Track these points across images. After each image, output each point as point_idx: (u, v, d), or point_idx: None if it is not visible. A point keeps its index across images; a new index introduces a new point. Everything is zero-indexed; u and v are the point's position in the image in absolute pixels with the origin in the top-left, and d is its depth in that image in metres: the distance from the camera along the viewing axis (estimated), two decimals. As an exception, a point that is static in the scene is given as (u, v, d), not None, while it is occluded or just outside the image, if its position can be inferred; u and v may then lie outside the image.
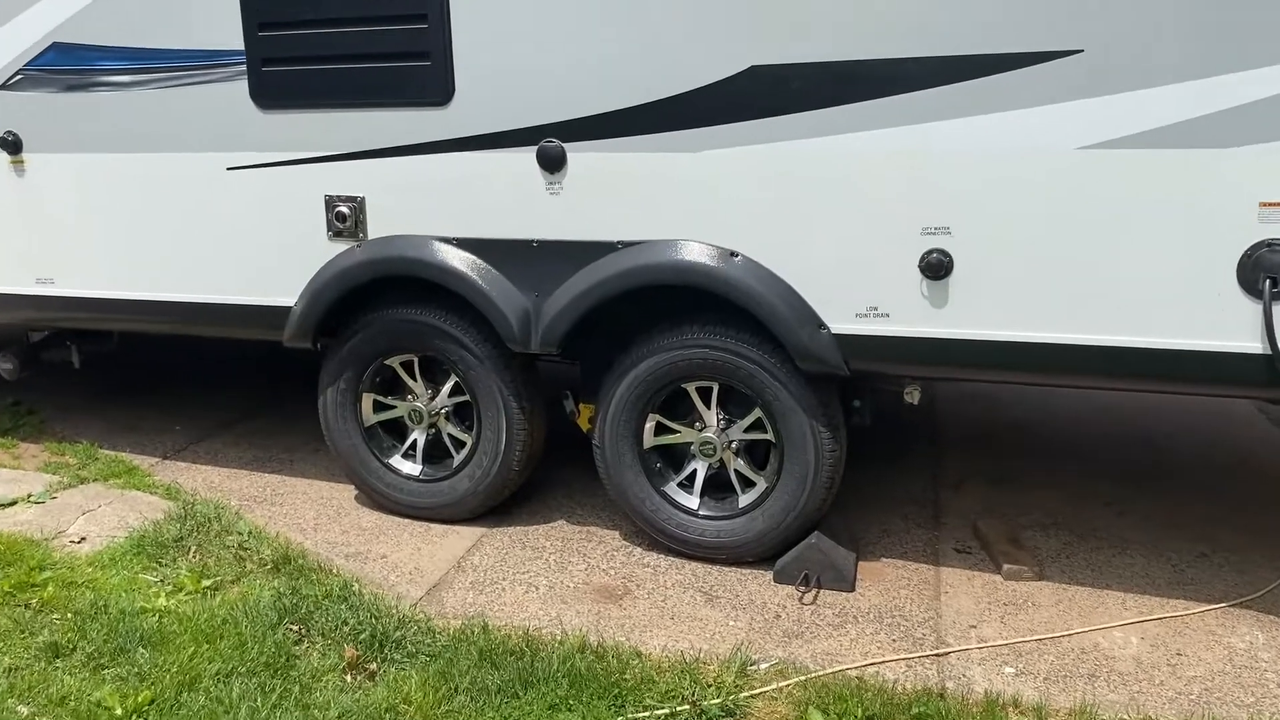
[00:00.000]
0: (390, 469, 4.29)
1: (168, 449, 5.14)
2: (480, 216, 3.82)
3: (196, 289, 4.30)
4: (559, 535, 4.16)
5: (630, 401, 3.83)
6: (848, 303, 3.45)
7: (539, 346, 3.81)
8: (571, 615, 3.55)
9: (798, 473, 3.69)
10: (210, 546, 3.98)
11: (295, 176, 4.01)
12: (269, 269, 4.16)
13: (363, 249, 3.99)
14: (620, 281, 3.64)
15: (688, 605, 3.61)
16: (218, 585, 3.71)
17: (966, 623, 3.50)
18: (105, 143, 4.27)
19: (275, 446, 5.17)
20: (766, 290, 3.49)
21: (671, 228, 3.59)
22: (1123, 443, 5.20)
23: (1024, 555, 3.90)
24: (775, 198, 3.45)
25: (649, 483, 3.90)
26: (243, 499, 4.52)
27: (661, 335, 3.77)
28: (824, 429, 3.64)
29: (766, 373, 3.63)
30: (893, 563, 3.93)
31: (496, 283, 3.82)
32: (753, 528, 3.79)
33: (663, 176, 3.55)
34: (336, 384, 4.25)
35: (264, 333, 4.29)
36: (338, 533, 4.20)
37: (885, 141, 3.28)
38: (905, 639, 3.40)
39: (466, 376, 4.05)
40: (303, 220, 4.04)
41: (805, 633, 3.44)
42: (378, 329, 4.13)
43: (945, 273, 3.31)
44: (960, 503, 4.48)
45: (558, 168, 3.67)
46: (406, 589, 3.73)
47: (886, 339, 3.43)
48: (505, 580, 3.79)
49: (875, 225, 3.36)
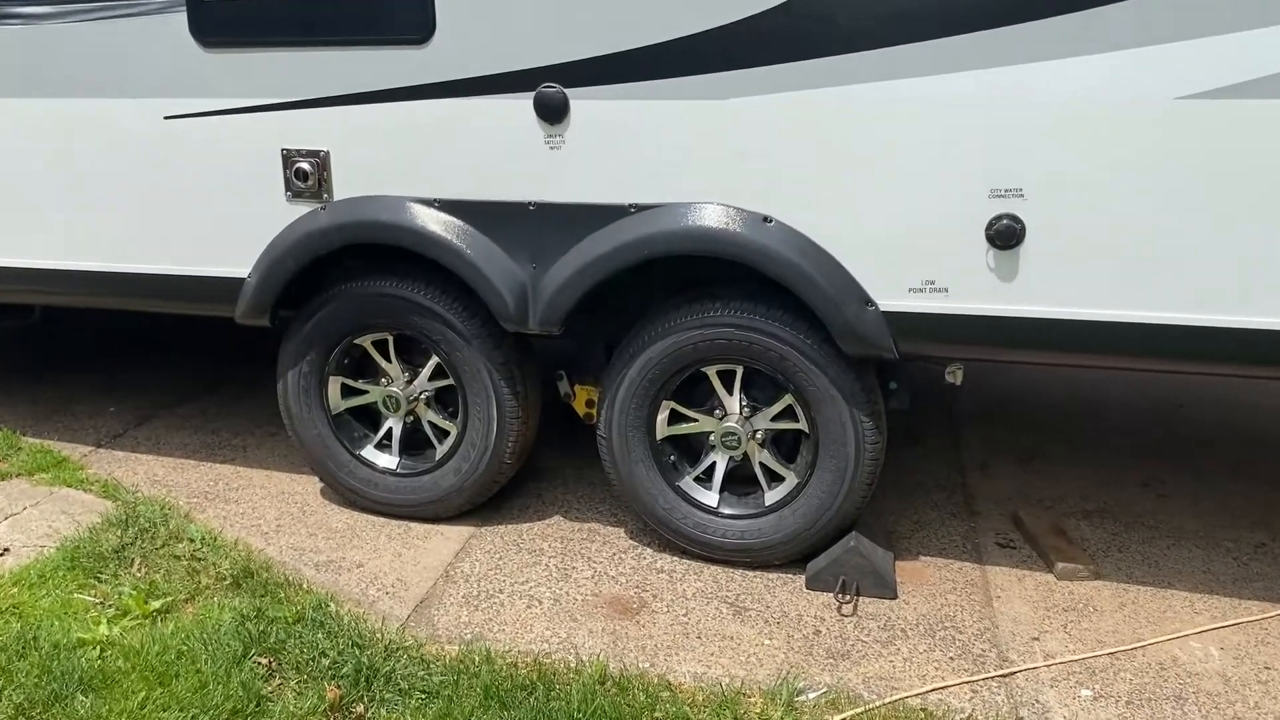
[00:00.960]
0: (362, 462, 3.77)
1: (102, 435, 4.55)
2: (467, 175, 3.28)
3: (131, 258, 3.71)
4: (557, 535, 3.69)
5: (642, 387, 3.36)
6: (900, 276, 3.01)
7: (538, 325, 3.31)
8: (584, 636, 3.10)
9: (834, 466, 3.26)
10: (158, 558, 3.44)
11: (246, 127, 3.42)
12: (217, 235, 3.58)
13: (328, 212, 3.43)
14: (633, 251, 3.15)
15: (714, 620, 3.18)
16: (168, 607, 3.18)
17: (1027, 634, 3.13)
18: (15, 87, 3.62)
19: (225, 430, 4.62)
20: (805, 261, 3.03)
21: (694, 188, 3.10)
22: (1145, 413, 4.88)
23: (1076, 551, 3.54)
24: (817, 154, 2.98)
25: (662, 478, 3.45)
26: (192, 496, 3.98)
27: (679, 312, 3.29)
28: (865, 418, 3.21)
29: (801, 355, 3.17)
30: (932, 561, 3.54)
31: (487, 252, 3.30)
32: (782, 528, 3.36)
33: (684, 128, 3.05)
34: (299, 366, 3.71)
35: (212, 308, 3.73)
36: (304, 535, 3.68)
37: (949, 89, 2.82)
38: (964, 656, 3.01)
39: (451, 358, 3.54)
40: (256, 178, 3.47)
41: (852, 652, 3.03)
42: (346, 304, 3.58)
43: (1016, 241, 2.87)
44: (991, 488, 4.10)
45: (559, 118, 3.14)
46: (390, 606, 3.24)
47: (944, 317, 3.00)
48: (503, 593, 3.32)
49: (935, 187, 2.91)
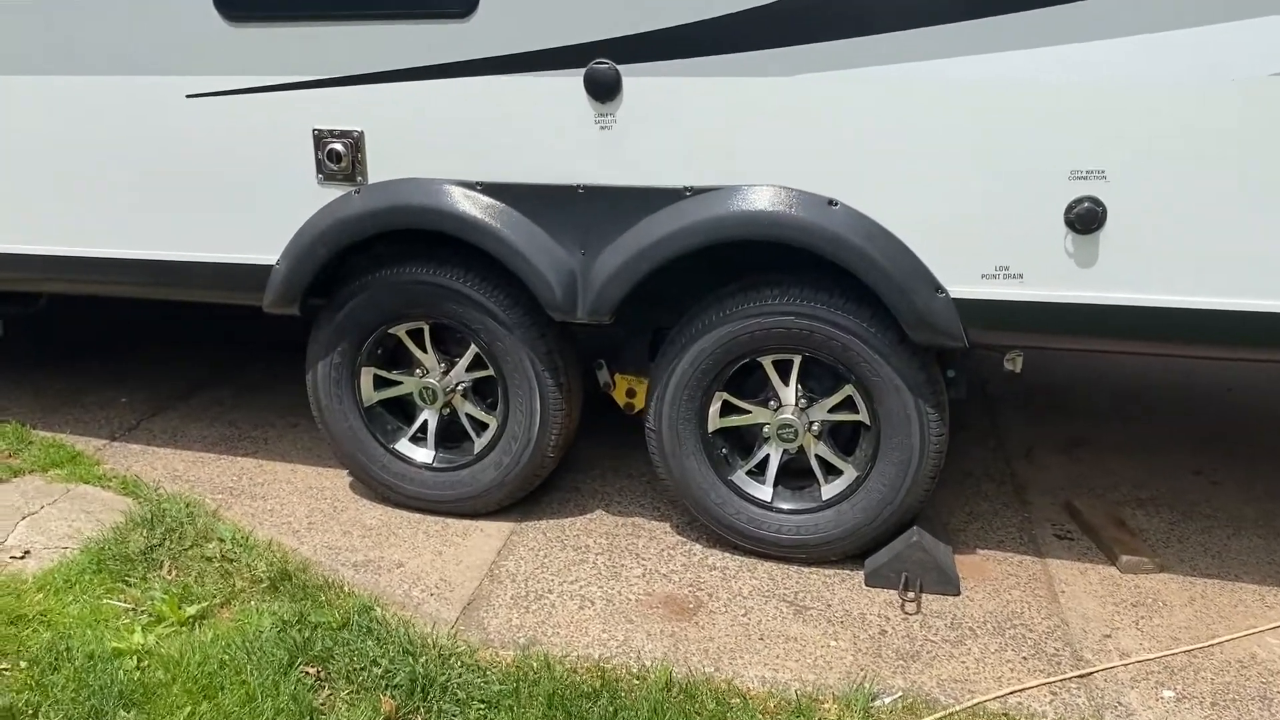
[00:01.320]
0: (397, 456, 3.62)
1: (115, 428, 4.38)
2: (511, 157, 3.12)
3: (151, 244, 3.53)
4: (601, 530, 3.56)
5: (695, 378, 3.22)
6: (972, 262, 2.87)
7: (587, 315, 3.16)
8: (642, 639, 2.97)
9: (897, 459, 3.13)
10: (188, 559, 3.29)
11: (275, 107, 3.25)
12: (243, 221, 3.41)
13: (362, 196, 3.27)
14: (690, 237, 3.00)
15: (775, 620, 3.06)
16: (204, 612, 3.03)
17: (1099, 631, 3.02)
18: (30, 64, 3.43)
19: (244, 421, 4.45)
20: (871, 247, 2.89)
21: (754, 170, 2.95)
22: (1190, 395, 4.78)
23: (1138, 543, 3.44)
24: (886, 133, 2.83)
25: (714, 472, 3.31)
26: (216, 491, 3.82)
27: (733, 300, 3.15)
28: (930, 409, 3.08)
29: (865, 344, 3.04)
30: (991, 555, 3.43)
31: (534, 238, 3.15)
32: (841, 523, 3.24)
33: (745, 106, 2.89)
34: (329, 356, 3.54)
35: (238, 296, 3.56)
36: (338, 533, 3.53)
37: (1030, 66, 2.68)
38: (1037, 656, 2.91)
39: (491, 348, 3.38)
40: (285, 161, 3.29)
41: (921, 652, 2.92)
42: (380, 292, 3.42)
43: (1096, 225, 2.74)
44: (1039, 476, 3.99)
45: (610, 96, 2.98)
46: (437, 609, 3.10)
47: (1018, 305, 2.87)
48: (552, 593, 3.19)
49: (1012, 168, 2.77)
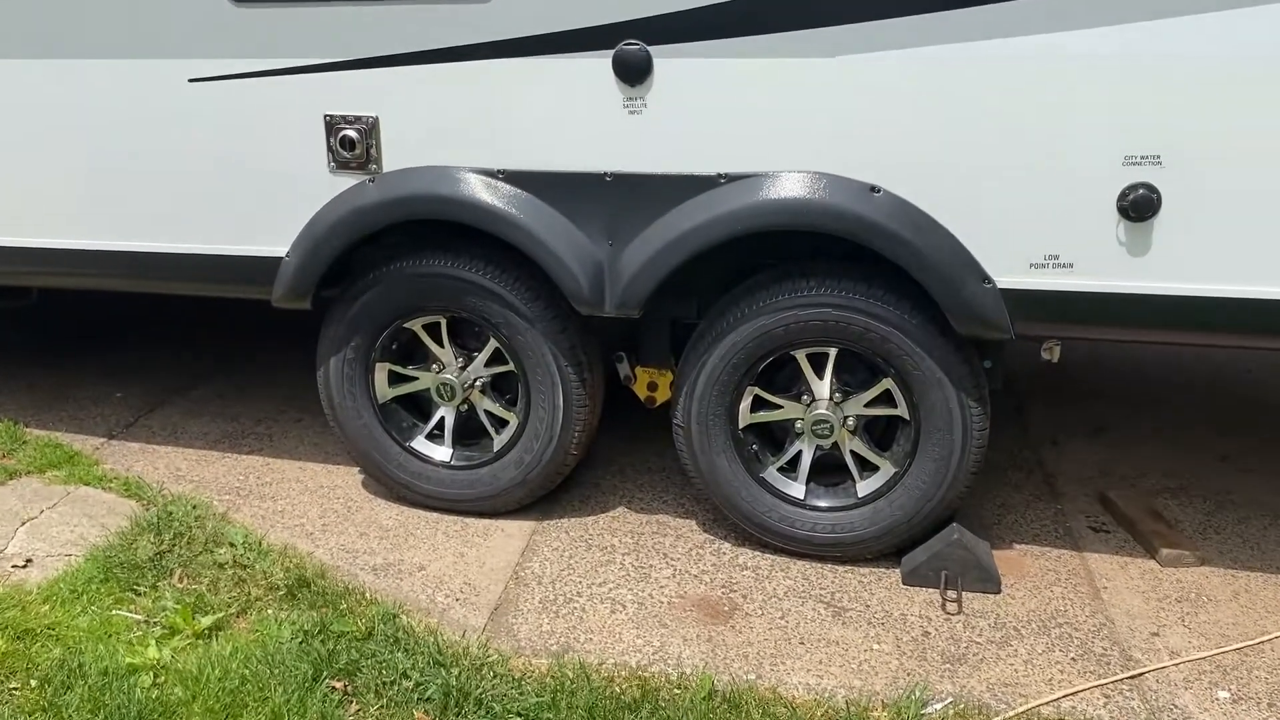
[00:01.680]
0: (413, 454, 3.49)
1: (113, 425, 4.22)
2: (535, 143, 2.98)
3: (151, 237, 3.37)
4: (626, 529, 3.45)
5: (725, 373, 3.10)
6: (1020, 250, 2.77)
7: (615, 308, 3.04)
8: (679, 644, 2.87)
9: (938, 454, 3.04)
10: (199, 566, 3.16)
11: (283, 91, 3.10)
12: (250, 211, 3.26)
13: (377, 185, 3.12)
14: (725, 226, 2.88)
15: (813, 622, 2.96)
16: (220, 623, 2.90)
17: (1146, 629, 2.94)
18: (24, 46, 3.26)
19: (245, 416, 4.30)
20: (916, 236, 2.78)
21: (792, 156, 2.83)
22: (1210, 377, 4.71)
23: (1178, 535, 3.36)
24: (931, 116, 2.72)
25: (745, 469, 3.21)
26: (222, 492, 3.68)
27: (766, 292, 3.03)
28: (973, 403, 2.99)
29: (906, 337, 2.93)
30: (1028, 550, 3.34)
31: (559, 228, 3.01)
32: (878, 520, 3.14)
33: (784, 89, 2.77)
34: (342, 352, 3.41)
35: (246, 290, 3.42)
36: (354, 535, 3.41)
37: (1086, 45, 2.57)
38: (1086, 656, 2.82)
39: (512, 342, 3.25)
40: (294, 148, 3.15)
41: (968, 655, 2.83)
42: (396, 285, 3.28)
43: (1151, 213, 2.64)
44: (1068, 465, 3.91)
45: (640, 79, 2.85)
46: (464, 615, 2.98)
47: (1067, 295, 2.77)
48: (581, 596, 3.08)
49: (1063, 153, 2.67)
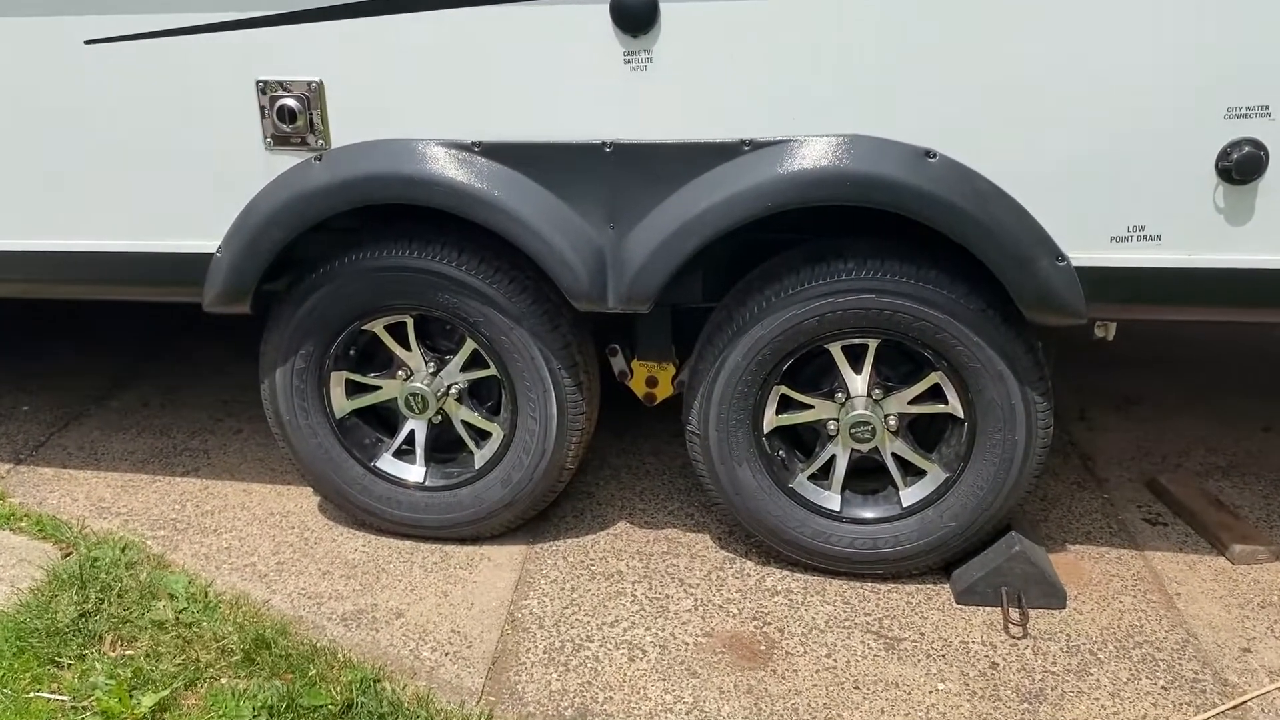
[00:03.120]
0: (380, 475, 3.00)
1: (20, 446, 3.64)
2: (519, 109, 2.48)
3: (49, 232, 2.81)
4: (632, 550, 3.01)
5: (749, 372, 2.66)
6: (1099, 222, 2.36)
7: (621, 303, 2.57)
8: (715, 698, 2.44)
9: (997, 456, 2.64)
10: (134, 627, 2.64)
11: (204, 53, 2.54)
12: (170, 200, 2.71)
13: (325, 164, 2.59)
14: (753, 202, 2.41)
15: (865, 660, 2.56)
16: (165, 703, 2.39)
17: (1235, 644, 2.60)
18: None
19: (177, 428, 3.75)
20: (978, 208, 2.35)
21: (830, 116, 2.37)
22: (1230, 338, 4.40)
23: (1248, 527, 3.03)
24: (995, 67, 2.28)
25: (771, 479, 2.78)
26: (156, 527, 3.15)
27: (796, 276, 2.58)
28: (1038, 398, 2.59)
29: (963, 324, 2.51)
30: (1083, 551, 2.98)
31: (551, 211, 2.52)
32: (927, 532, 2.75)
33: (817, 33, 2.30)
34: (290, 361, 2.89)
35: (171, 293, 2.88)
36: (316, 575, 2.91)
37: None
38: (1177, 684, 2.47)
39: (494, 343, 2.77)
40: (221, 122, 2.60)
41: (1046, 691, 2.46)
42: (353, 282, 2.76)
43: (1257, 174, 2.25)
44: (1104, 444, 3.57)
45: (645, 27, 2.36)
46: (457, 674, 2.52)
47: (1155, 272, 2.37)
48: (593, 642, 2.63)
49: (1150, 106, 2.25)
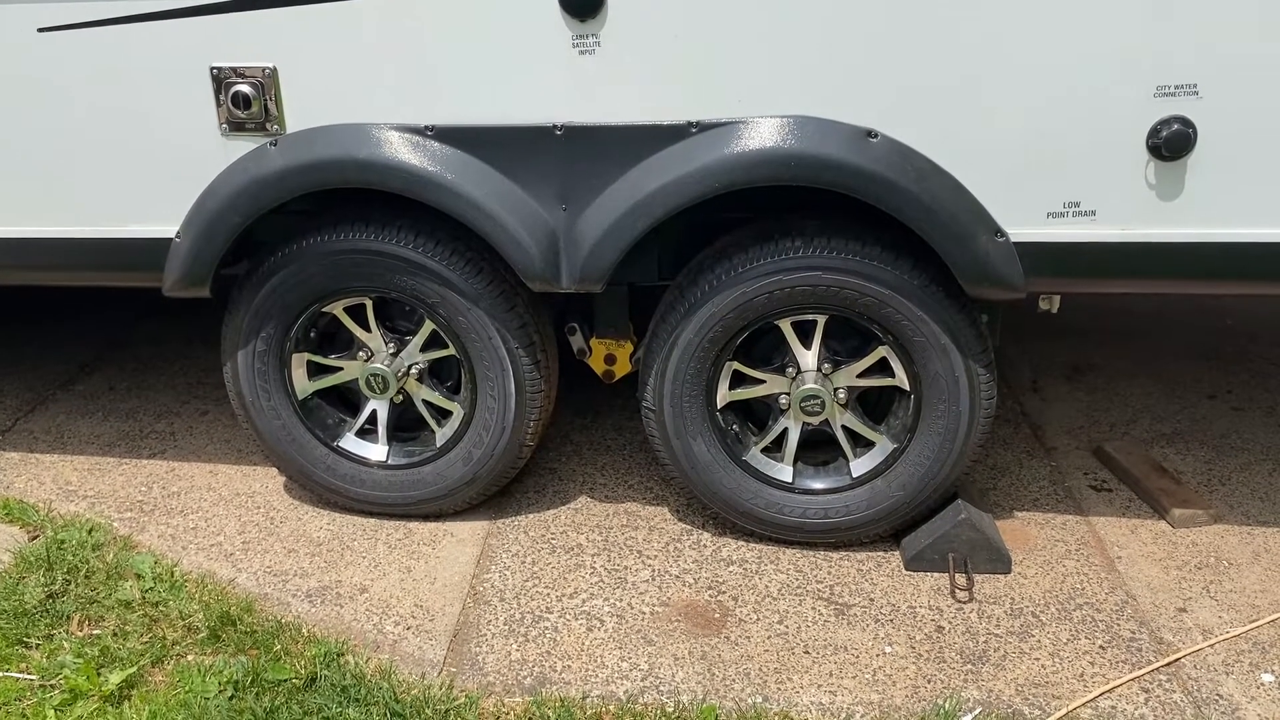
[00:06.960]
0: (342, 455, 3.05)
1: (-14, 431, 3.69)
2: (469, 93, 2.52)
3: (7, 219, 2.83)
4: (592, 523, 3.08)
5: (703, 348, 2.73)
6: (1036, 198, 2.43)
7: (574, 283, 2.62)
8: (669, 664, 2.52)
9: (942, 427, 2.72)
10: (101, 607, 2.70)
11: (158, 40, 2.56)
12: (129, 186, 2.74)
13: (281, 149, 2.63)
14: (700, 183, 2.47)
15: (816, 625, 2.65)
16: (131, 680, 2.46)
17: (1171, 604, 2.71)
18: None
19: (143, 411, 3.79)
20: (919, 186, 2.42)
21: (775, 97, 2.42)
22: (1174, 306, 4.51)
23: (1186, 491, 3.13)
24: (933, 48, 2.34)
25: (725, 452, 2.86)
26: (123, 509, 3.19)
27: (745, 255, 2.64)
28: (981, 369, 2.67)
29: (906, 299, 2.59)
30: (1030, 518, 3.08)
31: (503, 193, 2.57)
32: (876, 501, 2.83)
33: (764, 18, 2.36)
34: (251, 344, 2.93)
35: (131, 278, 2.91)
36: (281, 553, 2.97)
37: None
38: (1114, 643, 2.57)
39: (452, 324, 2.82)
40: (177, 109, 2.62)
41: (989, 651, 2.55)
42: (311, 264, 2.80)
43: (1185, 151, 2.32)
44: (1054, 414, 3.66)
45: (591, 11, 2.40)
46: (419, 647, 2.59)
47: (1090, 246, 2.45)
48: (552, 613, 2.71)
49: (1085, 85, 2.31)
